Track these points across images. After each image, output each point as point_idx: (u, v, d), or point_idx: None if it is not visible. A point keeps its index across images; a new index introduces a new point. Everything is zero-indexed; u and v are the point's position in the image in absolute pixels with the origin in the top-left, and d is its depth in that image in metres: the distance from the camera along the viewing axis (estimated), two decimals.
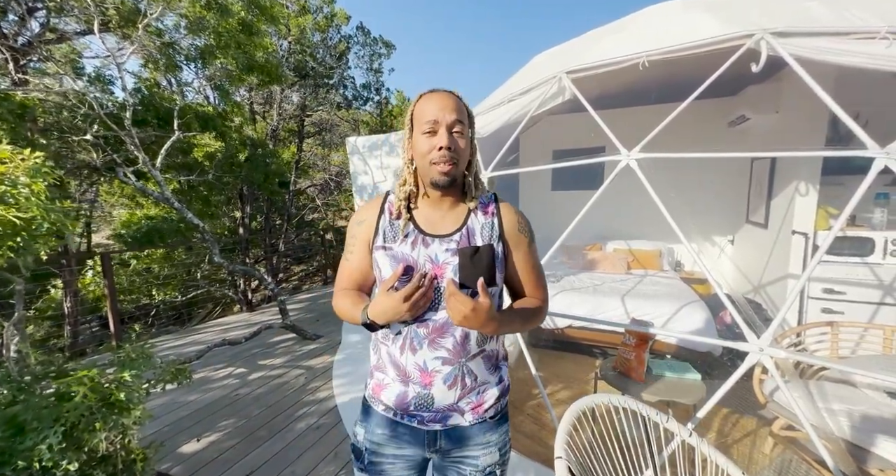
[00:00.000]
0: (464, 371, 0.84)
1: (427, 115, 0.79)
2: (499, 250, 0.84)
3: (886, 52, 1.37)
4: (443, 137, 0.78)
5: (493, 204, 0.88)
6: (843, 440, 1.47)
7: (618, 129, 1.93)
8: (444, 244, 0.82)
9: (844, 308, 2.59)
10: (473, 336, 0.83)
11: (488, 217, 0.86)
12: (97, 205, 7.67)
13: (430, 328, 0.81)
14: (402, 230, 0.84)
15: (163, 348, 3.77)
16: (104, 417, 0.93)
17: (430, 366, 0.82)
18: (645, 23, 2.08)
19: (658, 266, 4.01)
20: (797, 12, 1.61)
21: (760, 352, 1.38)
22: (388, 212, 0.87)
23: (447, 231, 0.84)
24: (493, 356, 0.89)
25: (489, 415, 0.87)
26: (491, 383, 0.89)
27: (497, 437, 0.89)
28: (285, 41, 8.09)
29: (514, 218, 0.88)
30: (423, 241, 0.83)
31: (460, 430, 0.86)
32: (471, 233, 0.84)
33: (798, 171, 2.82)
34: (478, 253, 0.81)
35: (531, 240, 0.90)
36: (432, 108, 0.79)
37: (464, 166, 0.84)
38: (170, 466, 1.99)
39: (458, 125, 0.79)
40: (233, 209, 8.27)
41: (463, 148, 0.81)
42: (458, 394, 0.84)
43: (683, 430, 1.15)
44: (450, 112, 0.79)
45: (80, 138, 3.57)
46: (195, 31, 4.08)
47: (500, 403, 0.89)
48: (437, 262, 0.81)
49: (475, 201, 0.86)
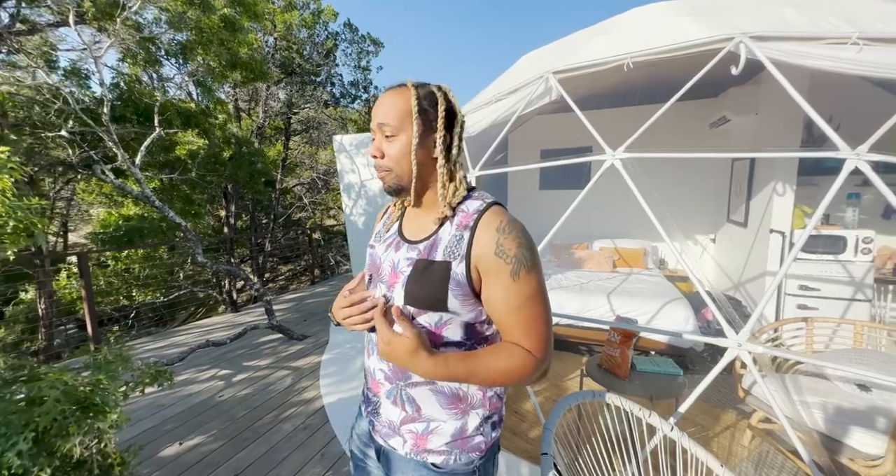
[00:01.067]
0: (403, 396, 0.75)
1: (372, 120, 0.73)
2: (458, 271, 0.68)
3: (856, 56, 1.43)
4: (372, 145, 0.73)
5: (476, 214, 0.70)
6: (816, 431, 1.53)
7: (603, 129, 1.96)
8: (409, 251, 0.74)
9: (819, 304, 2.69)
10: None
11: (460, 229, 0.70)
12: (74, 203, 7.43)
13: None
14: (386, 229, 0.83)
15: (143, 351, 3.67)
16: (78, 421, 0.90)
17: (376, 375, 0.79)
18: (629, 25, 2.12)
19: (643, 264, 4.09)
20: (773, 17, 1.66)
21: (739, 347, 1.42)
22: (390, 212, 0.86)
23: (418, 237, 0.75)
24: (451, 395, 0.73)
25: (431, 459, 0.73)
26: (444, 424, 0.73)
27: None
28: (271, 37, 7.97)
29: (493, 237, 0.67)
30: (396, 245, 0.77)
31: (397, 458, 0.77)
32: (436, 244, 0.71)
33: (775, 172, 2.91)
34: (429, 268, 0.69)
35: (517, 269, 0.66)
36: (374, 112, 0.73)
37: (404, 171, 0.71)
38: (150, 472, 1.94)
39: (384, 128, 0.70)
40: (217, 208, 8.11)
41: (395, 152, 0.70)
42: (400, 416, 0.76)
43: (665, 424, 1.18)
44: (378, 115, 0.71)
45: (55, 134, 3.45)
46: (176, 27, 3.98)
47: (452, 453, 0.73)
48: (396, 268, 0.74)
49: (447, 208, 0.72)
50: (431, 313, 0.70)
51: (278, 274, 10.07)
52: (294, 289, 7.43)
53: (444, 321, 0.71)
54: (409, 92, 0.70)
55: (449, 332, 0.72)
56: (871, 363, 1.63)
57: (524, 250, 0.67)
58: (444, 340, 0.72)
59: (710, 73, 1.76)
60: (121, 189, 3.59)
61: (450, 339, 0.72)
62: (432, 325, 0.71)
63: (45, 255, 3.94)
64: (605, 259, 4.03)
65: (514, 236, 0.67)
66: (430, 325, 0.71)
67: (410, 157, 0.70)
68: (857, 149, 1.31)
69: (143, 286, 6.06)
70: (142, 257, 6.13)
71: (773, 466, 1.78)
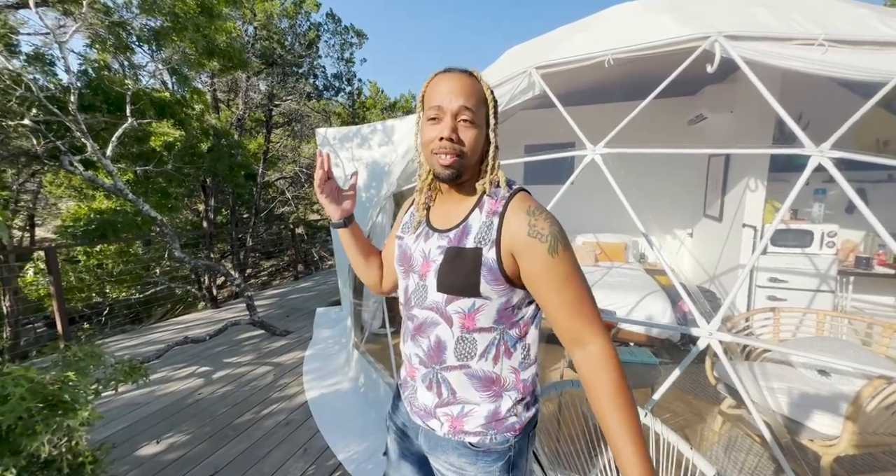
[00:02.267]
0: (438, 379, 0.77)
1: (433, 100, 0.71)
2: (489, 257, 0.69)
3: (822, 57, 1.49)
4: (445, 126, 0.69)
5: (504, 200, 0.72)
6: (780, 415, 1.61)
7: (585, 125, 1.99)
8: (440, 240, 0.75)
9: (787, 295, 2.82)
10: (450, 347, 0.74)
11: (490, 216, 0.71)
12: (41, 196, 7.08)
13: (413, 324, 0.80)
14: (416, 221, 0.82)
15: (118, 348, 3.56)
16: (46, 420, 0.87)
17: (412, 360, 0.82)
18: (610, 22, 2.15)
19: (624, 258, 4.19)
20: (745, 17, 1.71)
21: (710, 336, 1.48)
22: (416, 202, 0.85)
23: (448, 225, 0.76)
24: (485, 378, 0.75)
25: (469, 439, 0.75)
26: (478, 406, 0.76)
27: (474, 471, 0.75)
28: (251, 26, 7.72)
29: (524, 219, 0.68)
30: (426, 235, 0.79)
31: (436, 438, 0.79)
32: (466, 231, 0.73)
33: (749, 168, 3.01)
34: (460, 256, 0.71)
35: (554, 246, 0.66)
36: (439, 92, 0.70)
37: (474, 159, 0.73)
38: (127, 470, 1.89)
39: (465, 112, 0.69)
40: (196, 202, 7.87)
41: (471, 138, 0.71)
42: (435, 400, 0.78)
43: (640, 411, 1.22)
44: (457, 97, 0.69)
45: (17, 123, 3.27)
46: (148, 11, 3.81)
47: (488, 433, 0.75)
48: (427, 257, 0.76)
49: (483, 194, 0.74)
50: (464, 300, 0.71)
51: (260, 269, 9.87)
52: (277, 284, 7.31)
53: (478, 307, 0.72)
54: (480, 81, 0.73)
55: (482, 317, 0.73)
56: (832, 350, 1.72)
57: (557, 228, 0.68)
58: (476, 326, 0.73)
59: (688, 72, 1.80)
60: (91, 182, 3.44)
61: (483, 324, 0.73)
62: (465, 311, 0.72)
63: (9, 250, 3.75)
64: (587, 253, 4.11)
65: (545, 217, 0.69)
66: (464, 311, 0.72)
67: (479, 143, 0.73)
68: (821, 146, 1.37)
69: (117, 282, 5.84)
70: (115, 252, 5.90)
71: (742, 449, 1.87)
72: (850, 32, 1.54)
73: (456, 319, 0.73)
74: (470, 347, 0.74)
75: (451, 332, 0.74)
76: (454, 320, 0.73)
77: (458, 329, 0.73)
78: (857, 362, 1.41)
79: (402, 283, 0.83)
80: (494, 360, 0.75)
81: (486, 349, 0.74)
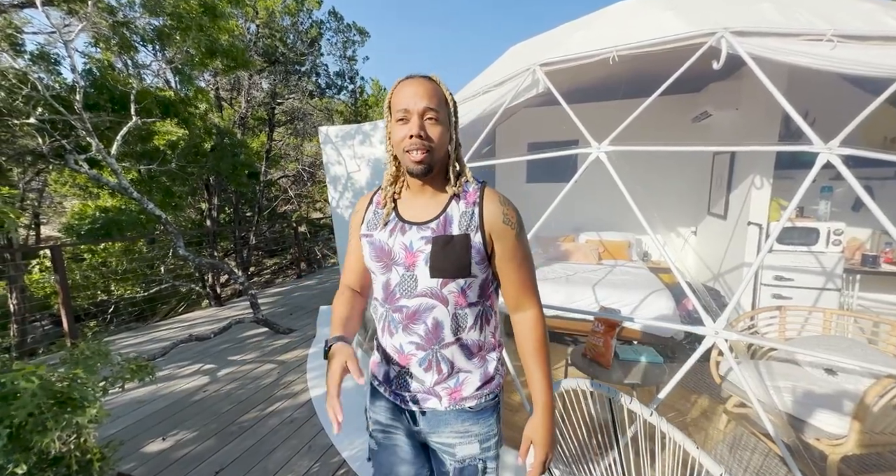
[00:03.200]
0: (438, 357, 0.84)
1: (400, 103, 0.78)
2: (476, 240, 0.80)
3: (831, 53, 1.47)
4: (413, 125, 0.77)
5: (478, 192, 0.84)
6: (786, 413, 1.60)
7: (589, 122, 1.98)
8: (420, 232, 0.82)
9: (793, 293, 2.80)
10: (447, 325, 0.82)
11: (469, 206, 0.82)
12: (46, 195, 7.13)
13: (403, 314, 0.83)
14: (383, 218, 0.87)
15: (123, 346, 3.59)
16: (55, 417, 0.88)
17: (405, 349, 0.85)
18: (615, 19, 2.13)
19: (627, 256, 4.17)
20: (752, 13, 1.69)
21: (716, 335, 1.47)
22: (376, 201, 0.91)
23: (426, 218, 0.83)
24: (473, 346, 0.87)
25: (468, 404, 0.86)
26: (472, 372, 0.87)
27: (478, 429, 0.87)
28: (253, 24, 7.72)
29: (499, 208, 0.82)
30: (401, 229, 0.84)
31: (437, 415, 0.86)
32: (448, 221, 0.81)
33: (754, 166, 2.99)
34: (451, 242, 0.79)
35: (519, 232, 0.83)
36: (404, 96, 0.78)
37: (441, 153, 0.81)
38: (133, 467, 1.91)
39: (430, 112, 0.77)
40: (199, 200, 7.90)
41: (438, 135, 0.79)
42: (434, 378, 0.85)
43: (645, 410, 1.22)
44: (421, 99, 0.77)
45: (23, 122, 3.28)
46: (152, 12, 3.81)
47: (482, 394, 0.87)
48: (410, 249, 0.82)
49: (457, 188, 0.83)
50: (458, 280, 0.81)
51: (264, 267, 9.91)
52: (280, 282, 7.34)
53: (468, 284, 0.82)
54: (440, 84, 0.82)
55: (471, 293, 0.83)
56: (839, 349, 1.71)
57: (518, 217, 0.85)
58: (468, 301, 0.84)
59: (693, 68, 1.79)
60: (96, 180, 3.46)
61: (472, 299, 0.84)
62: (459, 291, 0.82)
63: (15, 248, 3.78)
64: (590, 251, 4.09)
65: (512, 207, 0.85)
66: (457, 292, 0.82)
67: (445, 139, 0.81)
68: (829, 143, 1.36)
69: (122, 280, 5.87)
70: (120, 251, 5.94)
71: (747, 448, 1.86)
72: (859, 28, 1.52)
73: (451, 299, 0.82)
74: (463, 321, 0.84)
75: (446, 311, 0.82)
76: (449, 300, 0.82)
77: (453, 307, 0.83)
78: (864, 361, 1.40)
79: (380, 279, 0.86)
80: (480, 329, 0.87)
81: (475, 320, 0.86)
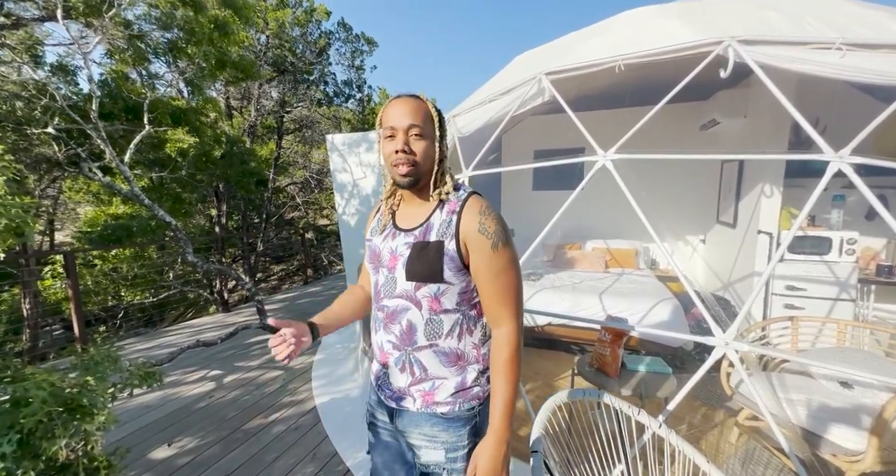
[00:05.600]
0: (411, 359, 0.87)
1: (388, 121, 0.83)
2: (450, 248, 0.82)
3: (840, 61, 1.46)
4: (399, 141, 0.82)
5: (460, 201, 0.86)
6: (800, 428, 1.56)
7: (595, 131, 1.98)
8: (406, 237, 0.87)
9: (805, 304, 2.74)
10: (420, 328, 0.85)
11: (449, 214, 0.85)
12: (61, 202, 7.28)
13: (385, 313, 0.89)
14: (382, 225, 0.94)
15: (132, 351, 3.62)
16: (64, 423, 0.88)
17: (385, 347, 0.90)
18: (621, 28, 2.14)
19: (634, 264, 4.13)
20: (759, 22, 1.69)
21: (726, 346, 1.45)
22: (381, 209, 0.98)
23: (412, 225, 0.88)
24: (451, 354, 0.87)
25: (440, 410, 0.86)
26: (447, 379, 0.87)
27: (446, 437, 0.86)
28: (263, 35, 7.89)
29: (476, 218, 0.82)
30: (393, 235, 0.90)
31: (410, 415, 0.89)
32: (429, 228, 0.85)
33: (763, 174, 2.96)
34: (426, 248, 0.83)
35: (496, 243, 0.81)
36: (391, 115, 0.83)
37: (427, 166, 0.85)
38: (138, 473, 1.91)
39: (414, 129, 0.82)
40: (208, 207, 8.01)
41: (421, 149, 0.83)
42: (408, 380, 0.88)
43: (654, 422, 1.19)
44: (405, 116, 0.82)
45: (41, 131, 3.38)
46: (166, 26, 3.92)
47: (455, 401, 0.86)
48: (395, 253, 0.88)
49: (439, 197, 0.87)
50: (431, 285, 0.83)
51: (271, 274, 9.98)
52: (287, 289, 7.37)
53: (442, 291, 0.84)
54: (425, 102, 0.86)
55: (446, 300, 0.85)
56: (854, 361, 1.67)
57: (500, 228, 0.83)
58: (442, 307, 0.85)
59: (700, 76, 1.79)
60: (109, 187, 3.52)
61: (447, 306, 0.85)
62: (432, 296, 0.84)
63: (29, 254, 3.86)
64: (597, 259, 4.06)
65: (492, 218, 0.83)
66: (431, 296, 0.84)
67: (430, 153, 0.85)
68: (840, 151, 1.34)
69: (132, 286, 5.95)
70: (130, 257, 6.02)
71: (760, 463, 1.81)
72: (868, 36, 1.51)
73: (425, 303, 0.84)
74: (437, 327, 0.85)
75: (420, 314, 0.85)
76: (423, 304, 0.84)
77: (427, 311, 0.84)
78: (882, 374, 1.36)
79: (372, 279, 0.94)
80: (459, 337, 0.87)
81: (452, 328, 0.86)
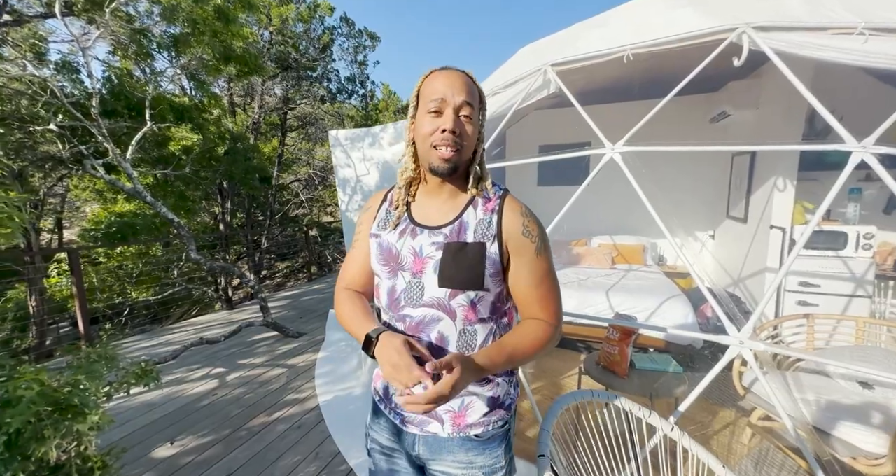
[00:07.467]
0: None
1: (434, 93, 0.71)
2: (492, 251, 0.73)
3: (863, 47, 1.39)
4: (448, 119, 0.70)
5: (498, 199, 0.77)
6: (816, 429, 1.50)
7: (602, 124, 1.92)
8: (432, 236, 0.75)
9: (819, 300, 2.67)
10: (453, 341, 0.75)
11: (487, 213, 0.75)
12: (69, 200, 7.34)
13: (407, 324, 0.76)
14: (395, 218, 0.80)
15: (136, 349, 3.63)
16: (55, 424, 0.86)
17: None
18: (628, 17, 2.07)
19: (642, 261, 4.06)
20: (774, 7, 1.61)
21: (741, 345, 1.39)
22: (389, 199, 0.84)
23: (439, 222, 0.76)
24: None
25: (474, 432, 0.77)
26: (479, 397, 0.78)
27: (483, 460, 0.78)
28: (266, 31, 7.86)
29: (519, 219, 0.75)
30: (412, 232, 0.77)
31: (439, 441, 0.78)
32: (463, 227, 0.75)
33: (776, 167, 2.87)
34: (463, 250, 0.72)
35: (540, 247, 0.75)
36: (441, 86, 0.71)
37: (468, 154, 0.75)
38: (141, 472, 1.90)
39: (466, 108, 0.71)
40: (212, 205, 8.03)
41: (470, 134, 0.73)
42: None
43: (665, 424, 1.15)
44: (459, 92, 0.71)
45: (43, 128, 3.38)
46: (169, 19, 3.90)
47: (489, 421, 0.78)
48: (420, 255, 0.75)
49: (477, 191, 0.77)
50: (469, 292, 0.73)
51: (275, 271, 10.01)
52: (291, 286, 7.38)
53: (478, 298, 0.74)
54: (476, 83, 0.75)
55: (482, 309, 0.76)
56: (874, 360, 1.60)
57: (542, 231, 0.77)
58: (478, 317, 0.75)
59: (711, 67, 1.72)
60: (112, 185, 3.52)
61: (483, 315, 0.76)
62: (467, 305, 0.74)
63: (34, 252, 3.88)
64: (603, 255, 4.00)
65: (534, 220, 0.77)
66: (466, 305, 0.74)
67: (474, 139, 0.75)
68: (864, 141, 1.28)
69: (137, 283, 5.98)
70: (135, 254, 6.06)
71: (774, 464, 1.76)
72: (892, 20, 1.43)
73: (459, 313, 0.74)
74: (471, 339, 0.76)
75: (454, 325, 0.74)
76: (458, 314, 0.74)
77: (462, 322, 0.74)
78: None
79: (385, 284, 0.79)
80: None
81: (485, 339, 0.77)
